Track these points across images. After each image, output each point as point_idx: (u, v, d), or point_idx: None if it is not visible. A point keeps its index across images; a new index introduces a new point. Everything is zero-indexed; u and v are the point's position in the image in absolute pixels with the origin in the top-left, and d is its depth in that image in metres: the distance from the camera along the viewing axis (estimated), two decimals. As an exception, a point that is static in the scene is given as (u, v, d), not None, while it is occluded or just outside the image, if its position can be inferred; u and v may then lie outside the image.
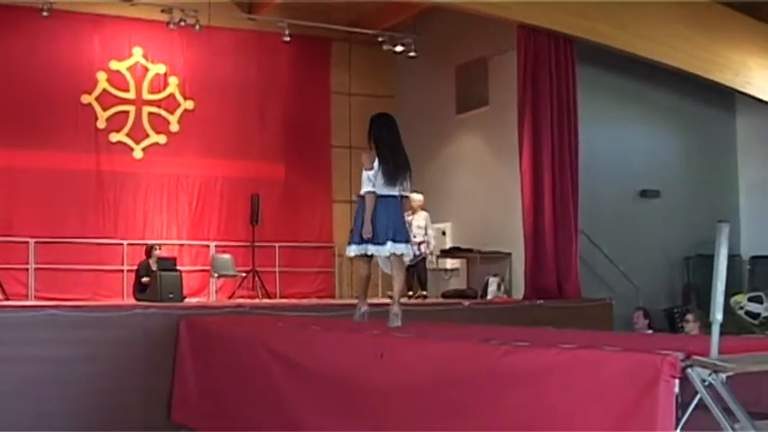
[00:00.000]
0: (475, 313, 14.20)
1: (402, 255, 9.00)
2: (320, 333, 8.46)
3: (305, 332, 8.72)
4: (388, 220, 8.83)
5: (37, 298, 17.71)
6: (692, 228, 18.47)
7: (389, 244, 8.81)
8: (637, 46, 17.25)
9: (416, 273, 17.28)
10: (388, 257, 9.03)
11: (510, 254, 17.92)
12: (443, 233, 19.56)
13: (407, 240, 9.11)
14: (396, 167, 8.92)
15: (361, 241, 8.91)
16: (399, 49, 19.94)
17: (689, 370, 4.59)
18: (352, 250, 9.10)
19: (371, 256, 9.07)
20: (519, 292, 17.21)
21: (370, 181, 8.83)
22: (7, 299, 16.95)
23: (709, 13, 17.95)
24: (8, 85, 18.56)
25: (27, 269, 18.31)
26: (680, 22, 17.62)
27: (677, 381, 4.55)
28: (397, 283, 9.17)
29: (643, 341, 6.81)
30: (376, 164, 8.87)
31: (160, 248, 17.70)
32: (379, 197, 8.81)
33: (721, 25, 18.28)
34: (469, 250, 18.47)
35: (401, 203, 9.07)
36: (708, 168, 19.76)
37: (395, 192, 8.95)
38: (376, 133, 9.17)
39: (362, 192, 8.92)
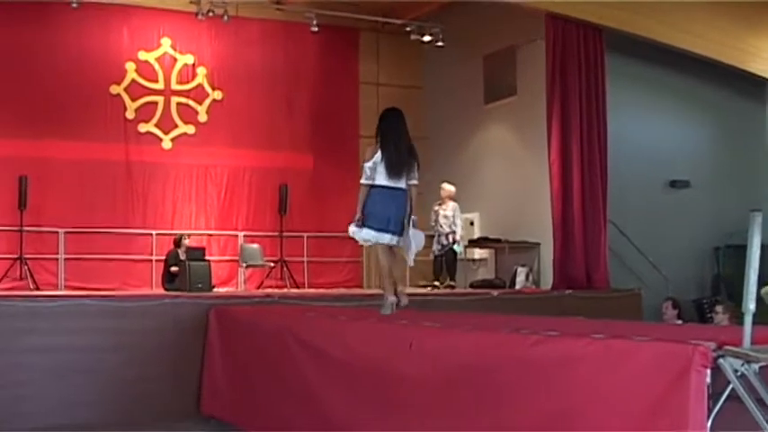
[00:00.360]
0: (503, 303, 14.17)
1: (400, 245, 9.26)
2: (349, 323, 8.46)
3: (334, 322, 8.71)
4: (389, 211, 9.15)
5: (67, 288, 17.80)
6: (721, 218, 18.40)
7: (388, 236, 9.16)
8: (667, 35, 17.16)
9: (445, 263, 17.28)
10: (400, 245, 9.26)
11: (538, 244, 17.88)
12: (471, 223, 19.55)
13: (405, 232, 9.25)
14: (397, 160, 9.13)
15: (379, 229, 9.15)
16: (427, 38, 19.90)
17: (721, 360, 4.55)
18: (354, 234, 9.40)
19: (391, 245, 9.27)
20: (547, 282, 17.18)
21: (365, 174, 9.12)
22: (38, 288, 17.06)
23: (741, 3, 17.81)
24: (38, 77, 18.69)
25: (57, 259, 18.41)
26: (711, 12, 17.52)
27: (709, 371, 4.50)
28: (398, 270, 9.65)
29: (673, 331, 6.77)
30: (377, 156, 9.09)
31: (189, 238, 17.76)
32: (386, 188, 9.09)
33: (753, 15, 18.15)
34: (498, 240, 18.44)
35: (407, 194, 9.28)
36: (738, 158, 19.63)
37: (401, 184, 9.20)
38: (381, 127, 9.35)
39: (361, 182, 9.20)
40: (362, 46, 21.91)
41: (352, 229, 9.40)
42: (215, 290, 16.05)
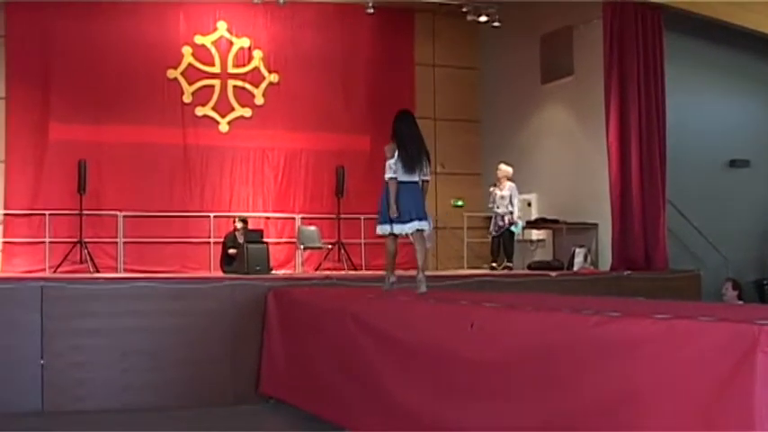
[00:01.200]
0: (561, 285, 14.13)
1: (423, 230, 10.10)
2: (409, 304, 8.46)
3: (395, 303, 8.72)
4: (409, 202, 9.95)
5: (126, 271, 17.96)
6: (781, 198, 18.23)
7: (415, 222, 9.98)
8: (727, 13, 16.94)
9: (502, 244, 17.24)
10: (413, 233, 10.10)
11: (597, 225, 17.76)
12: (529, 204, 19.46)
13: (426, 218, 10.16)
14: (411, 157, 9.98)
15: (389, 221, 10.03)
16: (483, 19, 19.73)
17: (787, 340, 4.49)
18: (380, 229, 10.26)
19: (398, 234, 10.14)
20: (606, 263, 17.08)
21: (391, 169, 9.92)
22: (97, 271, 17.22)
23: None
24: (96, 63, 18.86)
25: (116, 242, 18.56)
26: (772, -11, 17.28)
27: (776, 352, 4.45)
28: (421, 255, 10.23)
29: (737, 312, 6.69)
30: (396, 154, 9.93)
31: (247, 221, 17.81)
32: (401, 183, 9.92)
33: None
34: (556, 221, 18.34)
35: (421, 187, 10.12)
36: (799, 138, 19.38)
37: (415, 178, 10.04)
38: (396, 128, 10.16)
39: (385, 178, 10.00)
40: (418, 27, 21.85)
41: (383, 227, 10.22)
42: (273, 272, 16.11)
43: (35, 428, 10.20)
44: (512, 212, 17.17)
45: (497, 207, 17.30)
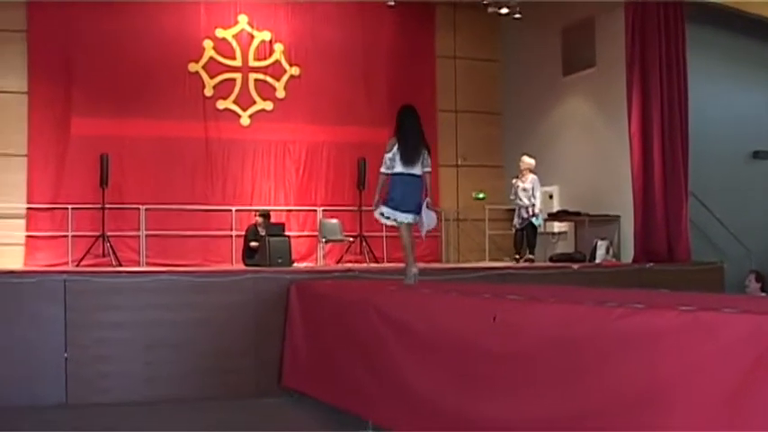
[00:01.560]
0: (584, 277, 14.09)
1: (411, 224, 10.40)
2: (432, 296, 8.46)
3: (417, 295, 8.73)
4: (407, 194, 10.30)
5: (148, 264, 18.05)
6: (806, 189, 18.14)
7: (411, 215, 10.30)
8: (749, 3, 16.87)
9: (526, 236, 17.21)
10: (410, 225, 10.42)
11: (619, 217, 17.73)
12: (551, 196, 19.44)
13: (416, 211, 10.32)
14: (410, 150, 10.32)
15: (389, 207, 10.34)
16: (504, 11, 19.65)
17: (812, 333, 4.47)
18: (378, 213, 10.49)
19: (410, 224, 10.40)
20: (628, 255, 17.05)
21: (385, 164, 10.34)
22: (120, 265, 17.28)
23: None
24: (117, 57, 18.96)
25: (138, 236, 18.63)
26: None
27: (800, 344, 4.43)
28: (412, 247, 10.57)
29: (760, 304, 6.67)
30: (395, 148, 10.31)
31: (267, 215, 17.84)
32: (402, 175, 10.25)
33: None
34: (577, 213, 18.31)
35: (421, 180, 10.38)
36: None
37: (415, 170, 10.31)
38: (399, 122, 10.59)
39: (380, 170, 10.45)
40: (439, 20, 21.86)
41: (380, 211, 10.44)
42: (294, 265, 16.13)
43: (59, 421, 10.24)
44: (534, 204, 17.13)
45: (520, 199, 17.27)
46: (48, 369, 10.92)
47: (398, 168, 10.26)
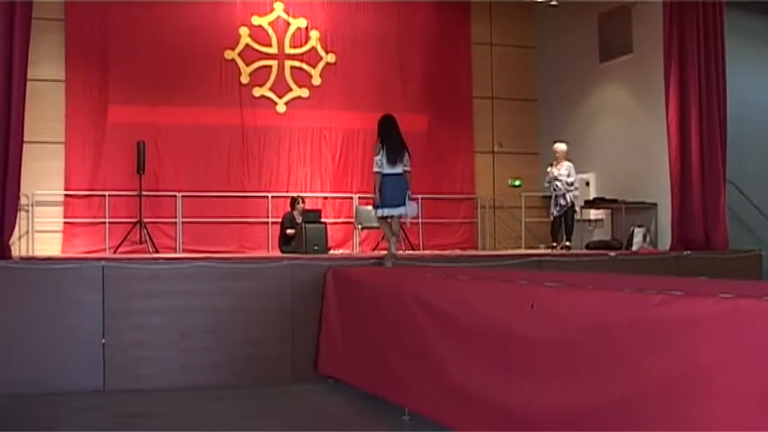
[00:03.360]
0: (620, 264, 14.01)
1: (400, 216, 12.34)
2: (469, 283, 8.43)
3: (454, 282, 8.69)
4: (394, 190, 12.06)
5: (184, 251, 18.14)
6: (844, 176, 17.96)
7: (401, 208, 12.15)
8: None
9: (565, 222, 17.13)
10: (392, 218, 12.31)
11: (655, 204, 17.66)
12: (587, 184, 19.37)
13: (406, 204, 12.21)
14: (394, 154, 12.10)
15: (381, 206, 12.19)
16: (541, -2, 19.66)
17: None
18: (378, 213, 12.35)
19: (387, 217, 12.29)
20: (665, 242, 16.97)
21: (377, 164, 12.09)
22: (156, 251, 17.36)
23: None
24: (154, 45, 19.07)
25: (175, 223, 18.73)
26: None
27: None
28: (395, 235, 12.62)
29: (800, 291, 6.61)
30: (383, 151, 12.09)
31: (304, 201, 17.87)
32: (387, 174, 12.06)
33: None
34: (614, 201, 18.26)
35: (404, 176, 12.18)
36: None
37: (398, 169, 12.10)
38: (381, 130, 12.43)
39: (374, 170, 12.22)
40: (474, 6, 21.82)
41: (376, 211, 12.39)
42: (330, 252, 16.15)
43: (96, 407, 10.30)
44: (570, 190, 17.04)
45: (556, 187, 17.18)
46: (85, 355, 10.98)
47: (385, 169, 12.05)
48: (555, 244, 17.25)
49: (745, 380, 4.69)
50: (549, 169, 17.48)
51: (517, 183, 21.49)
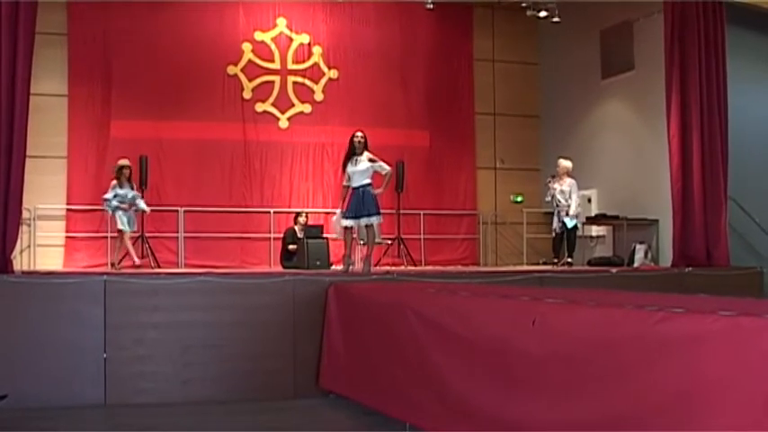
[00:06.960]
0: (622, 281, 14.04)
1: (371, 224, 13.64)
2: (471, 299, 8.44)
3: (456, 298, 8.70)
4: (360, 202, 13.40)
5: (186, 265, 18.17)
6: None
7: (364, 218, 13.47)
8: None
9: (566, 239, 17.07)
10: (366, 226, 13.66)
11: (657, 220, 17.69)
12: (589, 200, 19.39)
13: (372, 214, 13.55)
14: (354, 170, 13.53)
15: (346, 217, 13.51)
16: (543, 14, 19.58)
17: None
18: (343, 223, 13.61)
19: (350, 227, 13.64)
20: (666, 259, 16.97)
21: (346, 178, 13.70)
22: (158, 266, 17.36)
23: None
24: (156, 60, 19.15)
25: (177, 237, 18.75)
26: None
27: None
28: (369, 244, 13.90)
29: (802, 308, 6.62)
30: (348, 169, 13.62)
31: (306, 216, 17.88)
32: (355, 188, 13.52)
33: None
34: (616, 217, 18.27)
35: (370, 188, 13.56)
36: None
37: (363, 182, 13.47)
38: (348, 150, 13.88)
39: (344, 184, 13.78)
40: (477, 22, 21.89)
41: (343, 222, 13.66)
42: (333, 267, 16.15)
43: (98, 421, 10.31)
44: (569, 206, 16.98)
45: (558, 202, 17.13)
46: (87, 369, 10.99)
47: (353, 183, 13.54)
48: (556, 260, 17.24)
49: (746, 397, 4.70)
50: (548, 182, 17.38)
51: (519, 199, 21.51)
